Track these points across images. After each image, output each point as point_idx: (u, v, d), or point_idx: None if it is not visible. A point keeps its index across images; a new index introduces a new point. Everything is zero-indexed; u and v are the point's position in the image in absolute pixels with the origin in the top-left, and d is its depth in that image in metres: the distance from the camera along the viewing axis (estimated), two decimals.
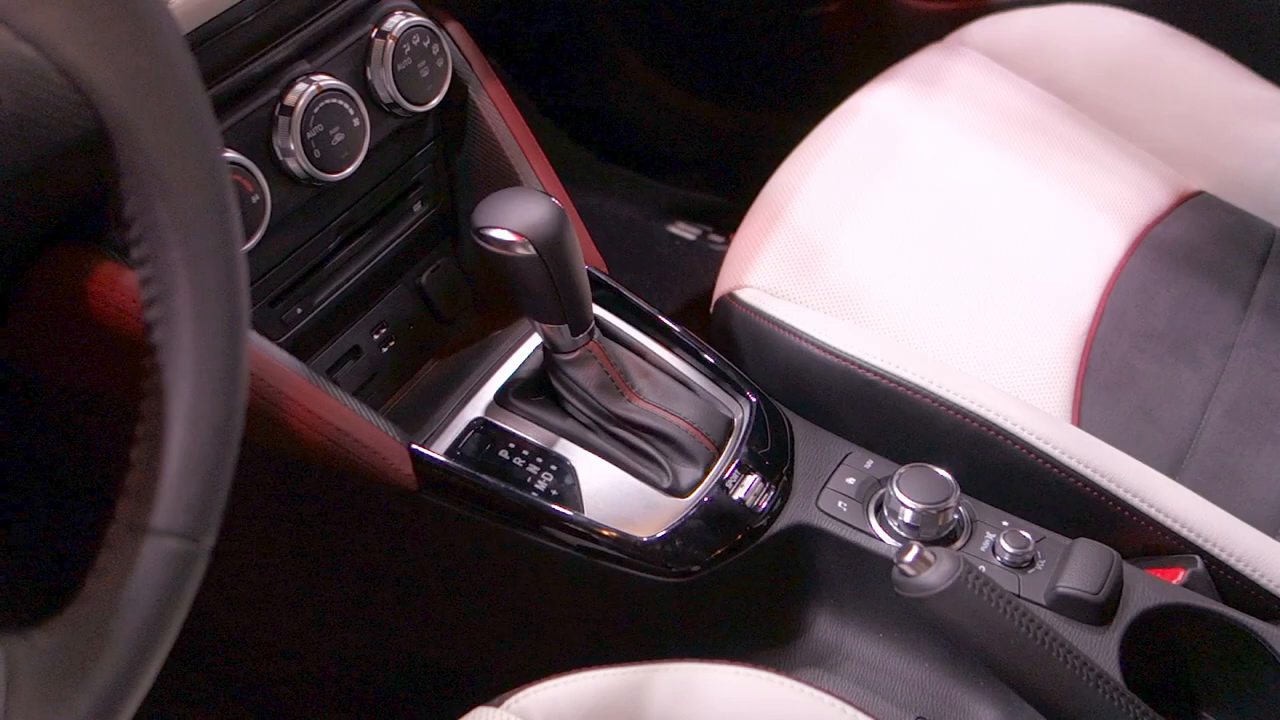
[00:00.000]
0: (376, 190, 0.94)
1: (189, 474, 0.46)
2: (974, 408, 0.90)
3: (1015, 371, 0.97)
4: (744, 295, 1.00)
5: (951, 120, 1.18)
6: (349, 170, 0.86)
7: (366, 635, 1.04)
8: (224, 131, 0.79)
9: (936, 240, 1.06)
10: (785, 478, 0.90)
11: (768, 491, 0.88)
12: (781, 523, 0.88)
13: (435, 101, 0.92)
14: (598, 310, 0.93)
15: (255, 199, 0.79)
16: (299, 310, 0.90)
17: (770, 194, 1.11)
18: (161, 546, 0.45)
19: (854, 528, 0.87)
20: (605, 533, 0.84)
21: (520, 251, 0.78)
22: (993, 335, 0.99)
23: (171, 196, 0.45)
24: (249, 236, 0.79)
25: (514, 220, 0.78)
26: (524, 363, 0.93)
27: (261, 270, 0.86)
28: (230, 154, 0.78)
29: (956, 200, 1.10)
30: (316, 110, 0.82)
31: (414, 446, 0.84)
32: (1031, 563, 0.84)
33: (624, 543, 0.84)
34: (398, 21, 0.89)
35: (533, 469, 0.87)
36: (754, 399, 0.93)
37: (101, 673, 0.44)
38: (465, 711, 0.73)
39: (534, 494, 0.85)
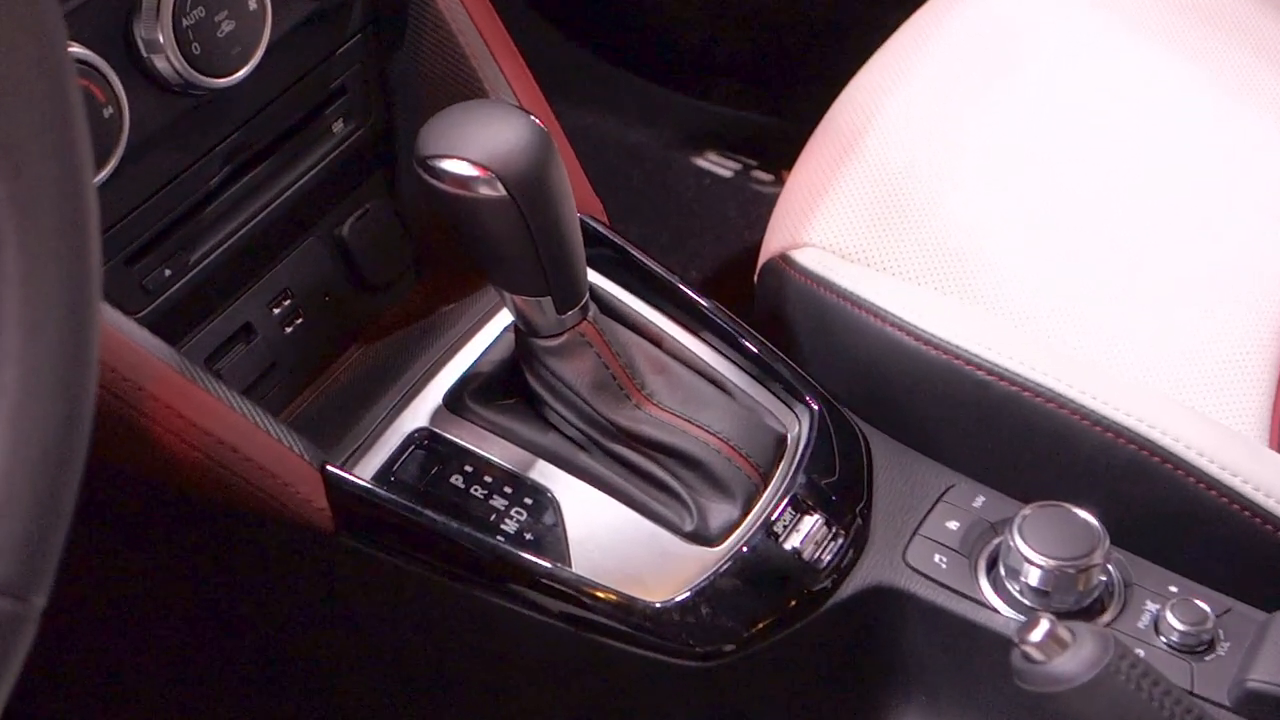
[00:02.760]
0: (280, 103, 0.94)
1: (12, 504, 0.46)
2: (1131, 424, 0.89)
3: (1189, 374, 0.96)
4: (803, 258, 1.00)
5: (1098, 10, 1.17)
6: (241, 73, 0.86)
7: None
8: (67, 16, 0.78)
9: (1076, 183, 1.06)
10: (859, 520, 0.90)
11: (834, 539, 0.88)
12: (854, 584, 0.88)
13: None
14: (594, 277, 0.93)
15: (108, 112, 0.79)
16: (168, 272, 0.90)
17: (840, 115, 1.11)
18: None
19: (957, 593, 0.87)
20: (601, 595, 0.84)
21: (484, 192, 0.77)
22: (1157, 321, 0.99)
23: None
24: (99, 166, 0.79)
25: (476, 147, 0.77)
26: (487, 351, 0.94)
27: (116, 215, 0.85)
28: (76, 49, 0.78)
29: (1105, 126, 1.10)
30: None
31: (329, 467, 0.83)
32: (1210, 646, 0.84)
33: (628, 610, 0.84)
34: None
35: (498, 502, 0.87)
36: (816, 406, 0.93)
37: None
38: None
39: (499, 538, 0.85)
